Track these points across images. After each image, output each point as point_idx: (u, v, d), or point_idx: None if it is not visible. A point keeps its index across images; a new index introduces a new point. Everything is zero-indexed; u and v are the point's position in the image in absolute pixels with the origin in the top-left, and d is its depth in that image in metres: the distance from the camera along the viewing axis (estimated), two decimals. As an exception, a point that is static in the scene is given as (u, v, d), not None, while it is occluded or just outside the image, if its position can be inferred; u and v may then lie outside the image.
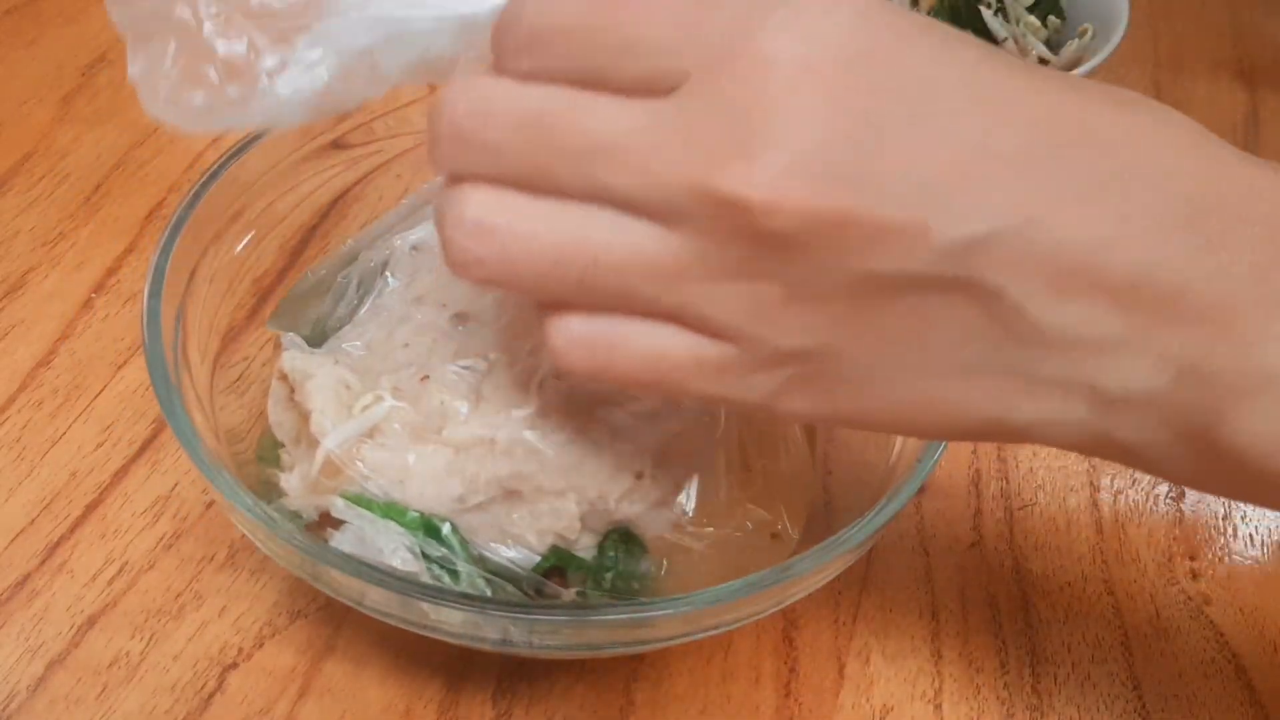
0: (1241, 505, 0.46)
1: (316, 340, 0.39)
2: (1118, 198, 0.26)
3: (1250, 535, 0.45)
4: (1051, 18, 0.59)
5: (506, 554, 0.35)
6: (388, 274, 0.40)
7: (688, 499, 0.36)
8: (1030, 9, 0.59)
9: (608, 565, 0.36)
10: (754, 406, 0.29)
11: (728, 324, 0.27)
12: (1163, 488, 0.46)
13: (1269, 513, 0.45)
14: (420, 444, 0.35)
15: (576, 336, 0.28)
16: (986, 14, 0.59)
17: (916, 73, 0.26)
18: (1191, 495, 0.46)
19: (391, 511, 0.35)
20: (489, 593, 0.35)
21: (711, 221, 0.26)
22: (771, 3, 0.25)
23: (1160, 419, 0.27)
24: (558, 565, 0.36)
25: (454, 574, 0.35)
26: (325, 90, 0.30)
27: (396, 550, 0.34)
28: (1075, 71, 0.53)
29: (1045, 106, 0.27)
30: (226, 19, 0.30)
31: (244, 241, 0.42)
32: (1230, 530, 0.45)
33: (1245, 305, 0.26)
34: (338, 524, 0.35)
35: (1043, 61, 0.58)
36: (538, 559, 0.36)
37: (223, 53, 0.29)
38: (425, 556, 0.35)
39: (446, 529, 0.35)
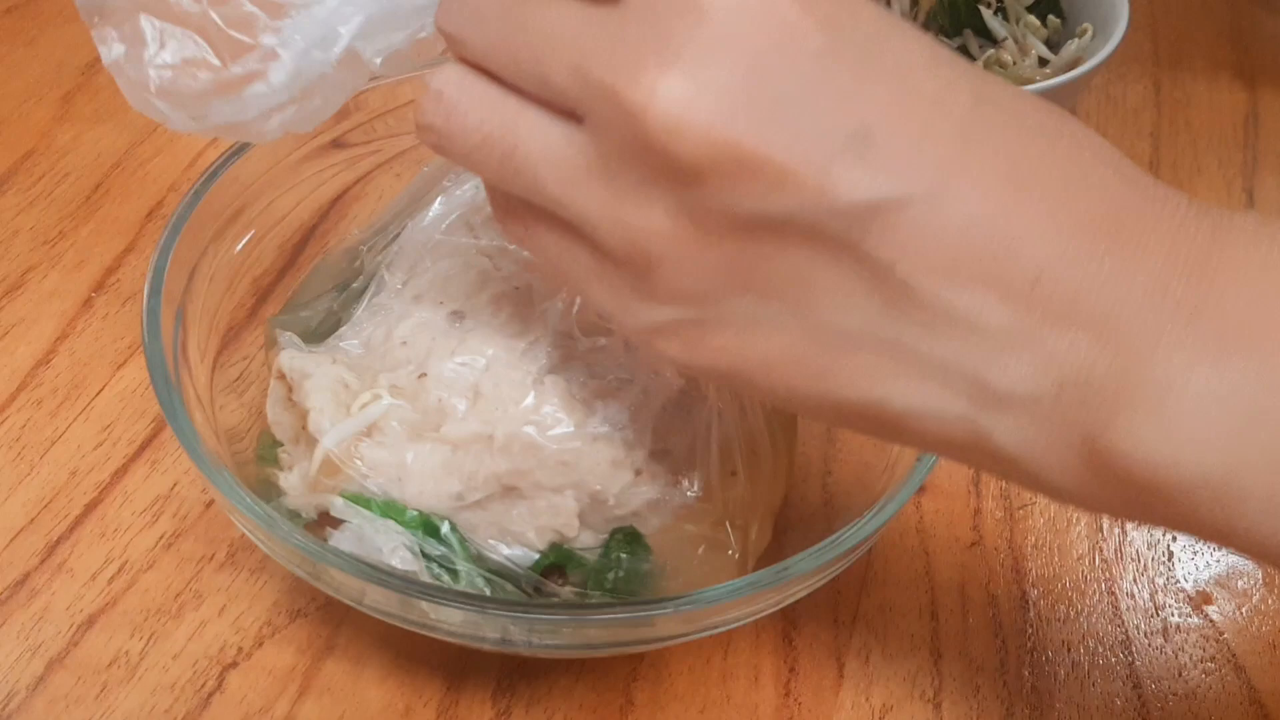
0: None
1: (324, 335, 0.39)
2: (1037, 194, 0.25)
3: (1250, 535, 0.45)
4: (1051, 17, 0.59)
5: (505, 552, 0.36)
6: (384, 272, 0.40)
7: (690, 489, 0.36)
8: (1030, 9, 0.59)
9: (612, 565, 0.36)
10: (639, 338, 0.29)
11: (616, 250, 0.27)
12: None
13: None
14: (418, 442, 0.35)
15: (505, 216, 0.30)
16: (986, 14, 0.59)
17: (869, 27, 0.26)
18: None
19: (390, 510, 0.35)
20: (488, 591, 0.35)
21: (618, 131, 0.26)
22: None
23: (1043, 424, 0.26)
24: (557, 563, 0.36)
25: (453, 573, 0.35)
26: (319, 80, 0.30)
27: (396, 549, 0.34)
28: (1075, 71, 0.53)
29: (988, 93, 0.26)
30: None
31: (244, 241, 0.42)
32: (1230, 530, 0.45)
33: (1140, 316, 0.25)
34: (337, 523, 0.35)
35: (1043, 61, 0.58)
36: (536, 557, 0.36)
37: (217, 17, 0.30)
38: (424, 555, 0.35)
39: (445, 528, 0.35)
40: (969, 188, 0.25)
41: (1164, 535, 0.45)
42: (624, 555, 0.36)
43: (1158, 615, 0.42)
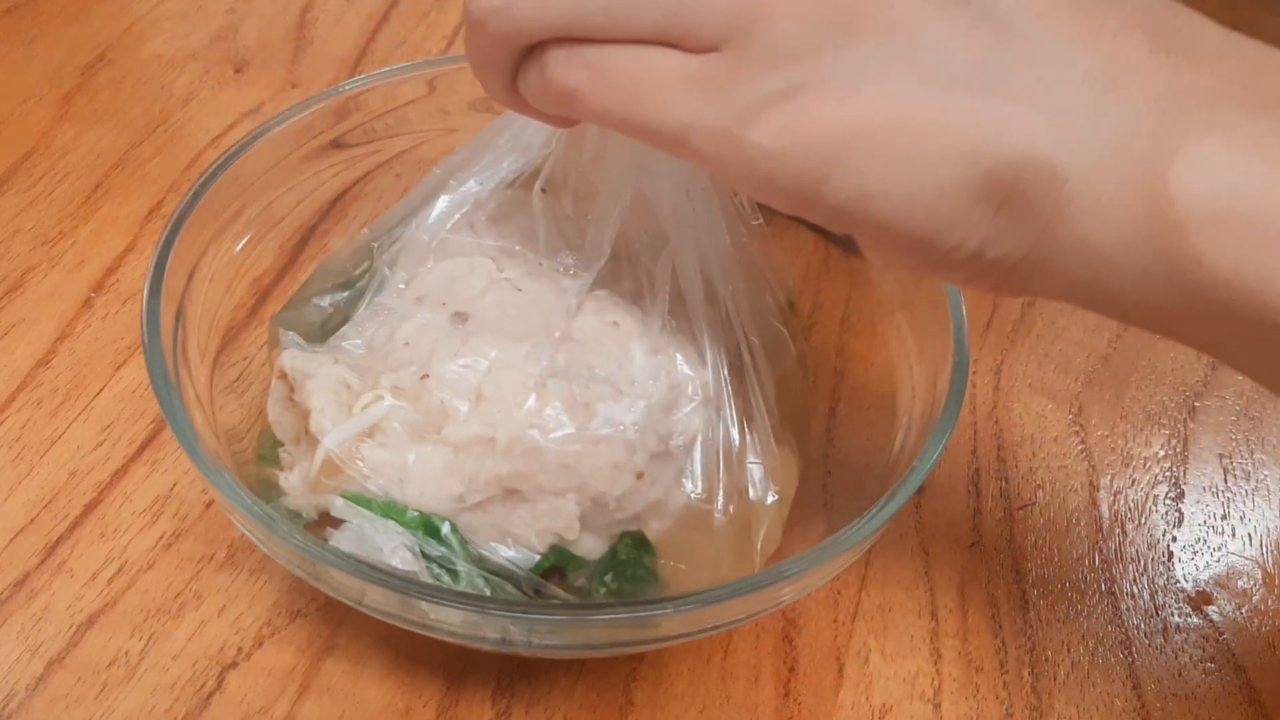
0: (1241, 505, 0.46)
1: (328, 334, 0.39)
2: None
3: (1250, 535, 0.45)
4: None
5: (506, 554, 0.35)
6: (387, 272, 0.40)
7: (693, 491, 0.36)
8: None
9: (613, 565, 0.36)
10: (725, 136, 0.27)
11: (713, 21, 0.27)
12: (1162, 487, 0.46)
13: (1269, 512, 0.46)
14: (420, 443, 0.35)
15: (574, 60, 0.28)
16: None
17: None
18: (1191, 495, 0.46)
19: (391, 511, 0.35)
20: (488, 592, 0.35)
21: None
22: None
23: (1113, 165, 0.26)
24: (557, 565, 0.36)
25: (453, 574, 0.35)
26: None
27: (396, 549, 0.34)
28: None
29: None
30: None
31: (244, 241, 0.42)
32: (1230, 530, 0.45)
33: (1203, 82, 0.27)
34: (337, 523, 0.35)
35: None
36: (537, 559, 0.36)
37: None
38: (425, 556, 0.35)
39: (446, 528, 0.35)
40: None
41: (1164, 535, 0.45)
42: (628, 557, 0.36)
43: (1158, 615, 0.42)
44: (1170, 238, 0.26)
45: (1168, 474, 0.47)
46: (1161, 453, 0.47)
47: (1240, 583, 0.43)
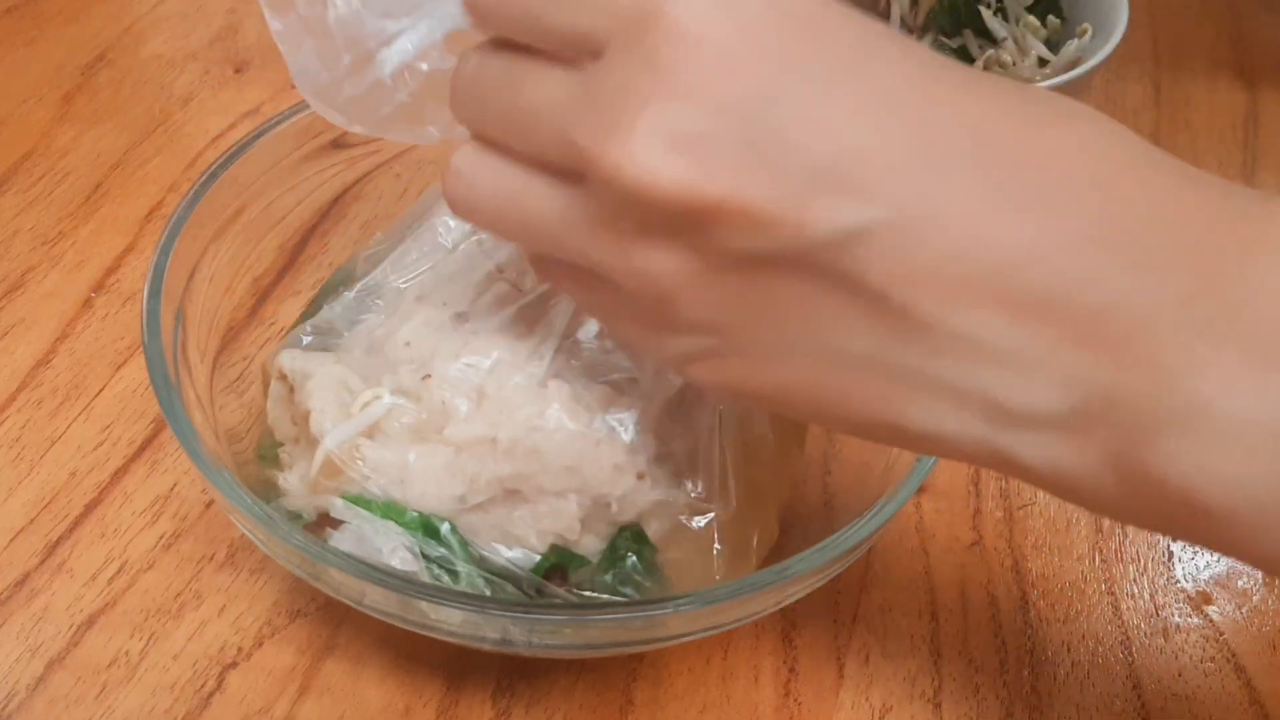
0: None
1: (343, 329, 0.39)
2: (1040, 209, 0.24)
3: (1250, 535, 0.45)
4: (1051, 18, 0.59)
5: (507, 554, 0.35)
6: (388, 273, 0.40)
7: (694, 492, 0.36)
8: (1030, 9, 0.59)
9: (617, 563, 0.36)
10: (673, 367, 0.30)
11: (634, 291, 0.28)
12: (1162, 488, 0.46)
13: (1269, 513, 0.45)
14: (421, 443, 0.35)
15: (539, 268, 0.32)
16: (986, 14, 0.59)
17: (848, 39, 0.26)
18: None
19: (391, 511, 0.35)
20: (488, 592, 0.35)
21: (607, 189, 0.26)
22: None
23: (1070, 443, 0.25)
24: (558, 564, 0.36)
25: (453, 574, 0.35)
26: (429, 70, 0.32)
27: (395, 550, 0.34)
28: (1074, 71, 0.53)
29: (977, 105, 0.26)
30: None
31: (244, 241, 0.42)
32: (1230, 530, 0.45)
33: (1169, 331, 0.24)
34: (337, 524, 0.35)
35: (1042, 61, 0.58)
36: (538, 559, 0.36)
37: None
38: (424, 556, 0.35)
39: (445, 529, 0.35)
40: (959, 206, 0.24)
41: (1164, 535, 0.45)
42: (629, 554, 0.36)
43: (1158, 615, 0.42)
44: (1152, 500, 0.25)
45: (1168, 474, 0.46)
46: (1161, 453, 0.47)
47: (1240, 583, 0.43)
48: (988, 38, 0.59)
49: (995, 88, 0.26)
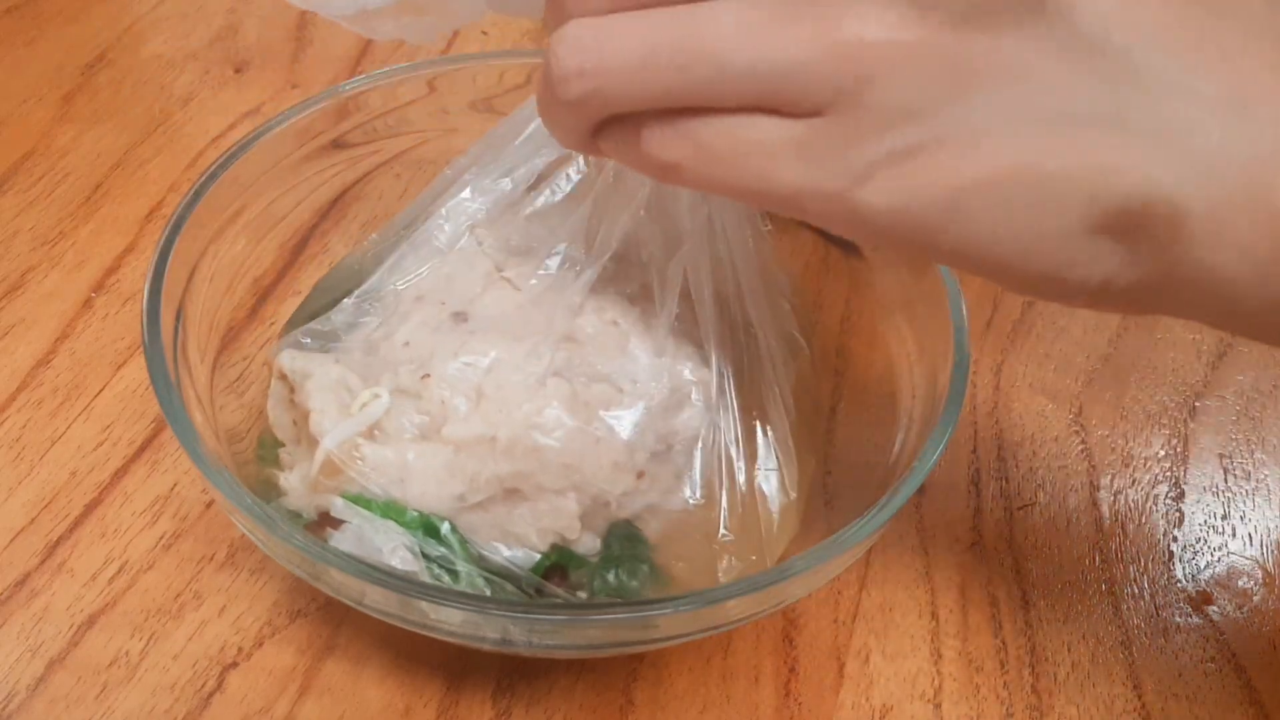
0: (1241, 504, 0.46)
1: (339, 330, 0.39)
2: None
3: (1250, 535, 0.45)
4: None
5: (507, 554, 0.35)
6: (387, 272, 0.40)
7: (694, 493, 0.36)
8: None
9: (611, 560, 0.36)
10: (834, 200, 0.27)
11: (823, 85, 0.26)
12: (1163, 487, 0.46)
13: (1269, 512, 0.46)
14: (421, 442, 0.35)
15: (672, 135, 0.28)
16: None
17: None
18: (1191, 495, 0.46)
19: (391, 511, 0.35)
20: (488, 592, 0.35)
21: None
22: None
23: (1234, 188, 0.26)
24: (559, 564, 0.36)
25: (453, 574, 0.35)
26: None
27: (395, 550, 0.34)
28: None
29: None
30: None
31: (244, 241, 0.42)
32: (1230, 530, 0.45)
33: None
34: (337, 523, 0.35)
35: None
36: (538, 558, 0.36)
37: None
38: (425, 556, 0.35)
39: (445, 528, 0.35)
40: None
41: (1164, 535, 0.45)
42: (621, 551, 0.36)
43: (1158, 615, 0.42)
44: None
45: (1168, 474, 0.47)
46: (1162, 452, 0.47)
47: (1240, 583, 0.43)
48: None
49: None
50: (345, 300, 0.40)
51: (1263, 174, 0.26)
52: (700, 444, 0.37)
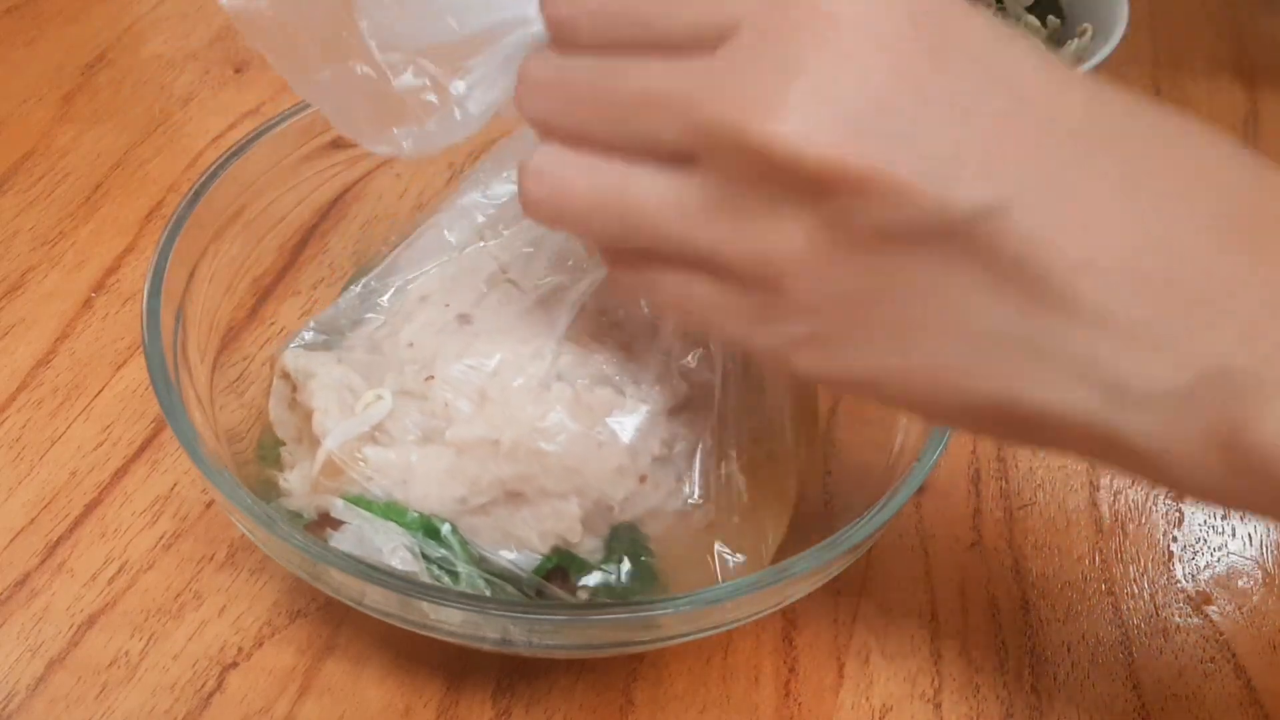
0: (1241, 505, 0.46)
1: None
2: (1159, 194, 0.26)
3: (1250, 535, 0.45)
4: (1051, 17, 0.59)
5: (508, 556, 0.35)
6: (391, 273, 0.40)
7: (694, 495, 0.36)
8: (1030, 9, 0.59)
9: (613, 561, 0.36)
10: (773, 357, 0.29)
11: (746, 273, 0.28)
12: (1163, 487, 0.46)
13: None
14: (423, 444, 0.35)
15: (622, 269, 0.31)
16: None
17: (979, 36, 0.27)
18: (1191, 495, 0.46)
19: (391, 512, 0.35)
20: (488, 593, 0.35)
21: (741, 163, 0.27)
22: None
23: (1180, 421, 0.26)
24: (560, 565, 0.36)
25: (453, 575, 0.35)
26: (505, 97, 0.32)
27: (396, 550, 0.34)
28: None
29: (1101, 98, 0.27)
30: (401, 61, 0.32)
31: (244, 241, 0.42)
32: (1230, 530, 0.45)
33: (1276, 312, 0.25)
34: (338, 524, 0.35)
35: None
36: (539, 560, 0.36)
37: (402, 88, 0.33)
38: (425, 557, 0.35)
39: (446, 529, 0.35)
40: (1091, 187, 0.26)
41: (1164, 535, 0.45)
42: (626, 555, 0.36)
43: (1158, 615, 0.42)
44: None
45: (1168, 474, 0.47)
46: (1161, 453, 0.47)
47: (1240, 583, 0.43)
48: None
49: (1109, 88, 0.28)
50: (352, 287, 0.40)
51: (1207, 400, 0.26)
52: (701, 446, 0.37)
